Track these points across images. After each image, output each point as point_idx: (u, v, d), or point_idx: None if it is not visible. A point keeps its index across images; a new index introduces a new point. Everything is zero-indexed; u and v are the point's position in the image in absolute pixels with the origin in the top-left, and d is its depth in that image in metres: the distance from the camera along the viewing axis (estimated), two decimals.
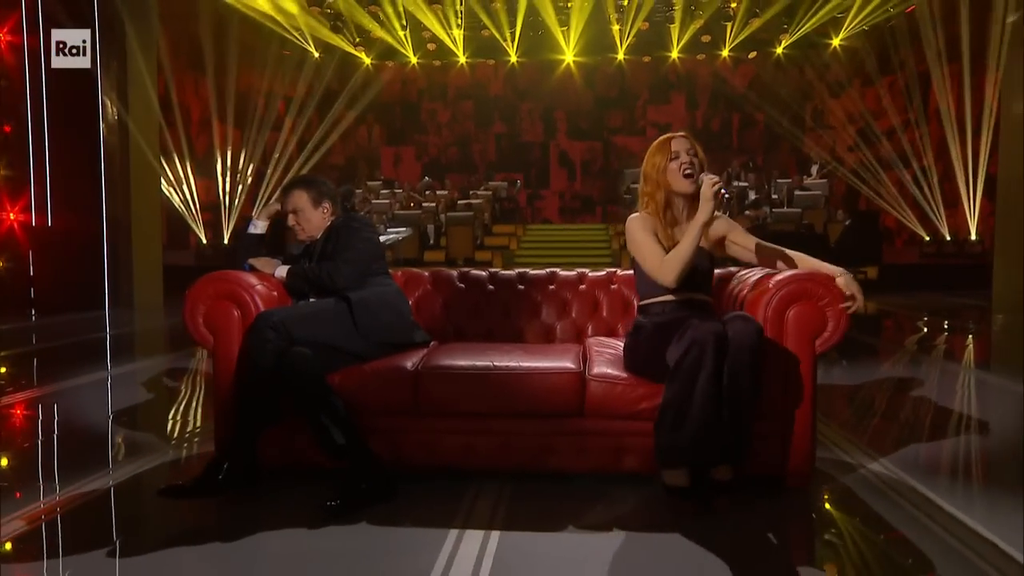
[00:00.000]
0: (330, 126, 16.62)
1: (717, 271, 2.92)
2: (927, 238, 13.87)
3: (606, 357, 2.71)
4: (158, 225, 9.80)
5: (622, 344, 2.92)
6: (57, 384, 4.67)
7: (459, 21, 15.30)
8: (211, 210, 14.26)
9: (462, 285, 3.34)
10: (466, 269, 3.42)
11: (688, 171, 2.61)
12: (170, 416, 4.03)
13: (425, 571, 2.00)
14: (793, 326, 2.51)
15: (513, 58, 16.76)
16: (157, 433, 3.55)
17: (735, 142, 17.38)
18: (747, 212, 12.47)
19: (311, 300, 2.94)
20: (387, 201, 13.58)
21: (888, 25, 14.68)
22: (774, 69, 16.71)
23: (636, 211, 2.76)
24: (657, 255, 2.58)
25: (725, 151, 17.04)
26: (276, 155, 15.31)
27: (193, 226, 13.36)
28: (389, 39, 15.92)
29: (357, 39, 16.21)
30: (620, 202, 15.80)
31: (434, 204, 13.46)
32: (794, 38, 15.60)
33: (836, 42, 15.76)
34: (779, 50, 16.29)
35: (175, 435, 3.58)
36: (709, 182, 2.52)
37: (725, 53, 16.43)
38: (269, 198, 15.03)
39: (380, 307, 2.88)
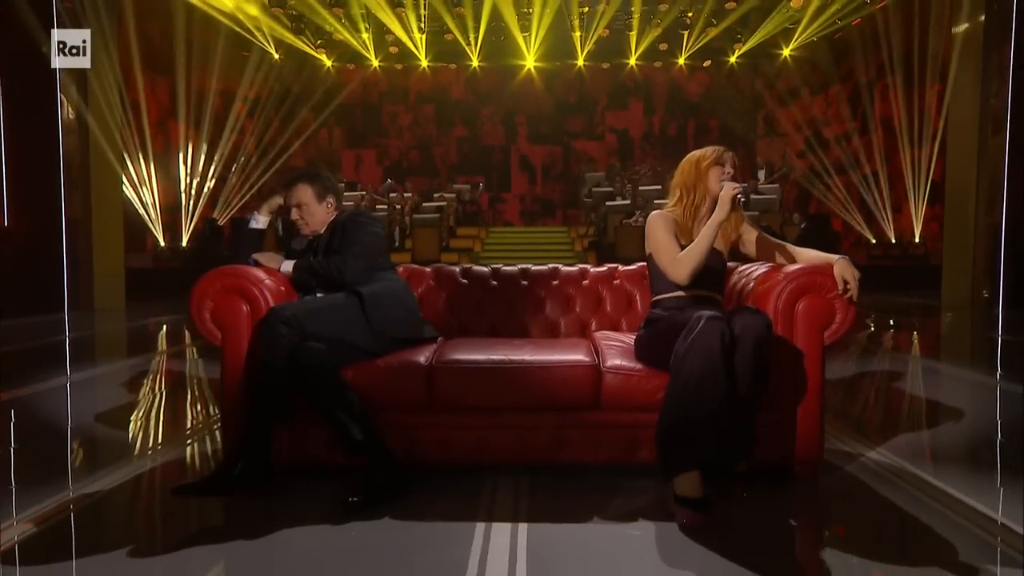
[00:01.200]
0: (290, 128, 16.39)
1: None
2: (873, 240, 14.38)
3: (617, 349, 2.75)
4: (119, 226, 9.51)
5: (628, 339, 2.97)
6: (15, 391, 4.49)
7: (422, 24, 15.25)
8: (169, 212, 13.89)
9: (465, 281, 3.35)
10: (468, 265, 3.43)
11: (725, 180, 2.73)
12: (139, 419, 3.92)
13: (461, 564, 2.00)
14: (803, 318, 2.59)
15: (475, 62, 16.78)
16: (130, 438, 3.46)
17: (691, 147, 17.60)
18: None
19: (318, 295, 2.91)
20: (350, 203, 13.43)
21: (836, 37, 15.19)
22: (728, 77, 17.12)
23: (662, 207, 2.82)
24: (672, 252, 2.64)
25: (681, 157, 17.28)
26: (236, 157, 15.00)
27: (152, 228, 12.99)
28: (352, 41, 15.78)
29: (318, 41, 16.02)
30: (580, 206, 15.97)
31: (400, 206, 13.38)
32: (747, 47, 16.00)
33: (787, 52, 16.21)
34: (733, 59, 16.69)
35: (147, 441, 3.49)
36: (729, 187, 2.63)
37: (681, 61, 16.76)
38: (230, 200, 14.73)
39: (391, 302, 2.87)
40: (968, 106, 9.01)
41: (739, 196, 2.62)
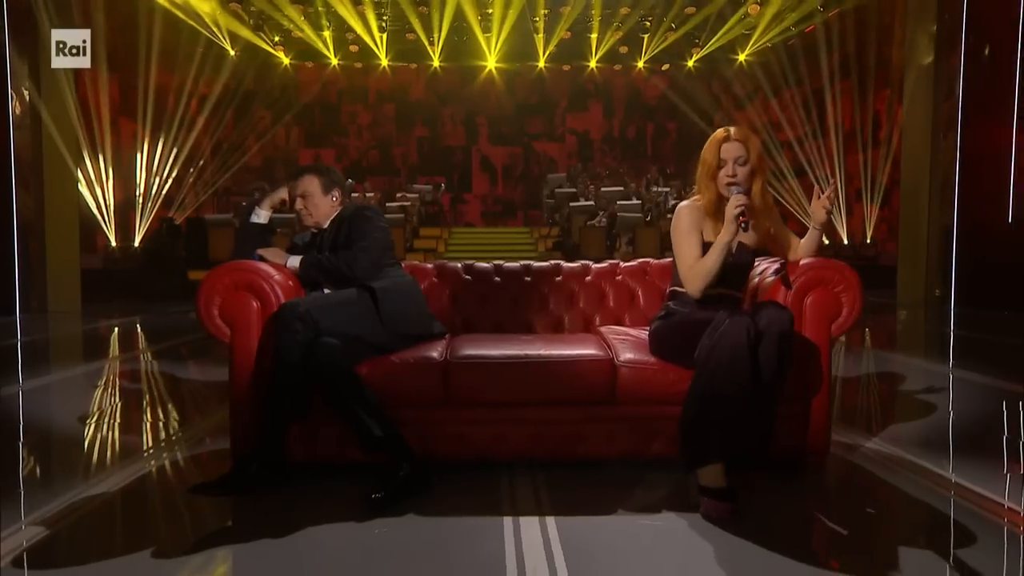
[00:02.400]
0: (247, 126, 16.06)
1: None
2: (826, 241, 14.84)
3: (627, 344, 2.77)
4: (74, 226, 9.17)
5: (635, 332, 3.00)
6: None
7: (384, 23, 15.11)
8: (119, 212, 13.44)
9: (468, 277, 3.34)
10: (470, 262, 3.42)
11: (730, 180, 2.59)
12: (112, 425, 3.80)
13: (497, 557, 2.00)
14: (811, 312, 2.66)
15: (436, 62, 16.70)
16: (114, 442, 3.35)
17: (649, 150, 17.97)
18: (670, 216, 12.93)
19: (326, 291, 2.86)
20: None
21: (789, 43, 15.59)
22: (685, 81, 17.40)
23: (688, 197, 2.79)
24: (690, 258, 2.60)
25: (641, 159, 17.60)
26: (191, 156, 14.60)
27: (104, 228, 12.55)
28: (311, 39, 15.53)
29: (276, 38, 15.73)
30: (542, 207, 16.03)
31: None
32: (704, 52, 16.31)
33: (742, 57, 16.57)
34: (690, 63, 16.97)
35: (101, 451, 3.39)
36: (733, 201, 2.50)
37: (640, 64, 16.97)
38: (185, 200, 14.35)
39: (402, 298, 2.84)
40: (921, 110, 9.36)
41: (742, 217, 2.46)
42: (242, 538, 2.13)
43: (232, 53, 15.83)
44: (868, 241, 13.87)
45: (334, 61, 16.85)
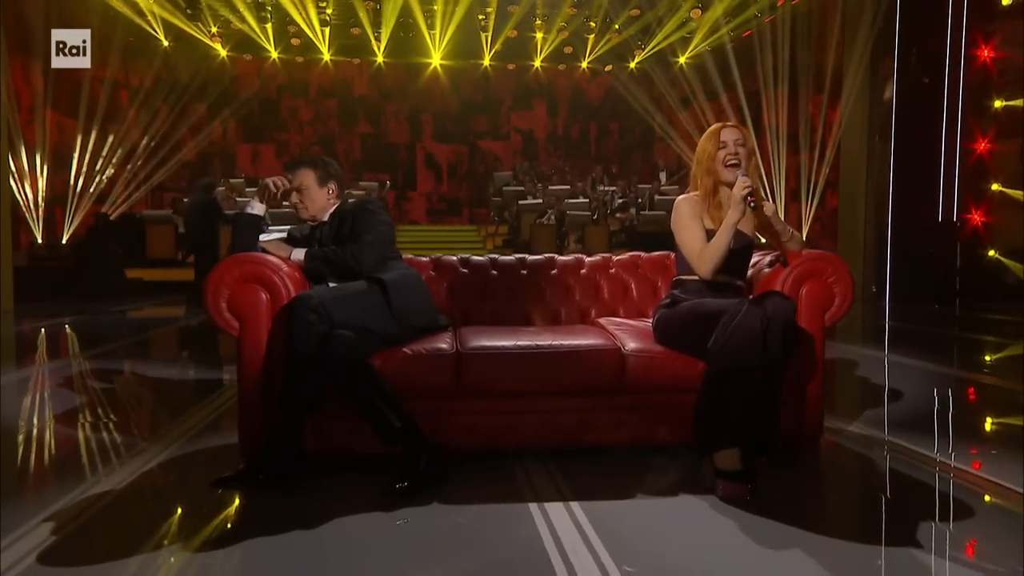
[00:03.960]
0: (181, 120, 15.49)
1: None
2: (763, 240, 15.39)
3: (629, 334, 2.84)
4: (6, 222, 8.69)
5: (633, 323, 3.09)
6: None
7: (328, 17, 14.85)
8: (45, 207, 12.79)
9: (465, 271, 3.35)
10: (466, 256, 3.44)
11: (732, 161, 2.72)
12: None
13: (534, 541, 2.04)
14: (806, 302, 2.79)
15: (379, 58, 16.52)
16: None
17: (593, 150, 18.25)
18: (617, 215, 13.18)
19: (330, 284, 2.84)
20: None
21: (728, 47, 16.08)
22: (627, 82, 17.73)
23: (686, 192, 2.89)
24: (697, 243, 2.71)
25: (584, 158, 17.85)
26: (123, 150, 14.03)
27: (31, 224, 11.94)
28: (256, 31, 15.12)
29: (214, 29, 15.24)
30: (488, 205, 16.08)
31: None
32: (646, 54, 16.65)
33: (682, 60, 16.98)
34: (632, 64, 17.30)
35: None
36: (740, 184, 2.62)
37: (584, 64, 17.21)
38: (116, 195, 13.76)
39: (410, 290, 2.84)
40: (858, 114, 9.82)
41: (749, 197, 2.61)
42: (274, 530, 2.10)
43: (166, 44, 15.29)
44: (804, 239, 14.49)
45: (274, 55, 16.46)
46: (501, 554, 1.99)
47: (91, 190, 13.44)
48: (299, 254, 2.85)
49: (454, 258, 3.39)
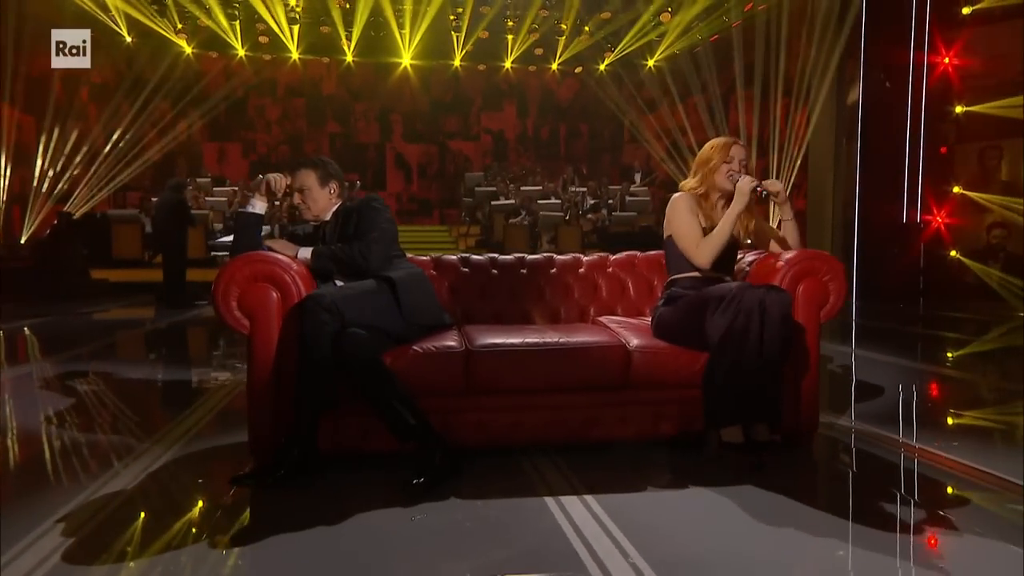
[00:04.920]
0: (144, 118, 15.17)
1: None
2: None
3: (633, 331, 2.91)
4: None
5: (632, 321, 3.17)
6: None
7: (297, 15, 14.69)
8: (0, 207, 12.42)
9: (466, 270, 3.38)
10: (466, 255, 3.47)
11: (735, 177, 2.91)
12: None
13: (557, 534, 2.09)
14: (802, 299, 2.88)
15: (349, 57, 16.40)
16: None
17: (563, 151, 18.38)
18: (589, 216, 13.30)
19: (338, 283, 2.85)
20: (223, 199, 12.73)
21: (695, 51, 16.34)
22: (596, 84, 17.90)
23: (681, 190, 3.00)
24: (695, 237, 2.86)
25: (554, 159, 17.96)
26: (88, 148, 13.70)
27: None
28: (225, 27, 14.88)
29: (179, 25, 14.97)
30: (459, 205, 16.08)
31: (278, 202, 12.83)
32: (615, 56, 16.83)
33: (651, 63, 17.20)
34: (602, 67, 17.47)
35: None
36: (746, 180, 2.85)
37: (554, 66, 17.31)
38: (77, 194, 13.43)
39: (418, 288, 2.87)
40: (826, 118, 10.09)
41: (758, 188, 2.84)
42: (299, 526, 2.11)
43: (128, 39, 14.98)
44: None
45: (241, 52, 16.23)
46: (527, 545, 2.03)
47: (52, 188, 13.10)
48: (306, 252, 2.85)
49: (454, 257, 3.42)
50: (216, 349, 6.22)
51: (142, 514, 2.27)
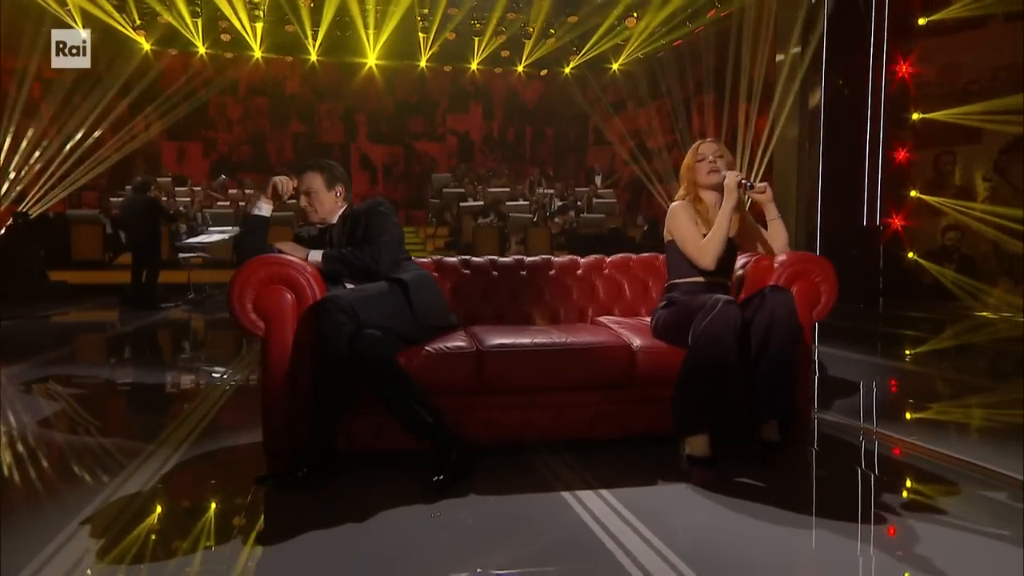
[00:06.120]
0: (100, 115, 14.79)
1: None
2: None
3: (634, 331, 3.00)
4: None
5: (630, 321, 3.26)
6: None
7: (261, 13, 14.49)
8: None
9: (467, 272, 3.44)
10: (466, 257, 3.52)
11: (712, 169, 3.02)
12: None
13: (581, 526, 2.16)
14: (797, 300, 2.96)
15: (313, 57, 16.25)
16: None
17: (528, 153, 18.51)
18: (556, 218, 13.42)
19: (347, 285, 2.88)
20: (187, 199, 12.50)
21: (659, 55, 16.62)
22: (562, 87, 18.07)
23: (676, 199, 3.10)
24: (697, 240, 2.96)
25: (519, 161, 18.08)
26: (33, 145, 13.29)
27: None
28: (181, 24, 14.59)
29: (138, 21, 14.63)
30: (425, 206, 16.06)
31: (243, 203, 12.65)
32: (581, 59, 17.01)
33: (615, 66, 17.43)
34: (567, 70, 17.64)
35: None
36: (732, 175, 2.95)
37: (520, 68, 17.43)
38: (25, 194, 13.02)
39: (428, 290, 2.91)
40: (789, 124, 10.36)
41: (743, 181, 2.93)
42: (327, 524, 2.14)
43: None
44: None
45: (201, 49, 15.96)
46: (554, 537, 2.10)
47: (3, 188, 12.69)
48: (316, 255, 2.88)
49: (455, 259, 3.47)
50: (188, 352, 6.14)
51: (165, 515, 2.27)
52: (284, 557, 1.95)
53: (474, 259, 3.49)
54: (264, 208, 3.00)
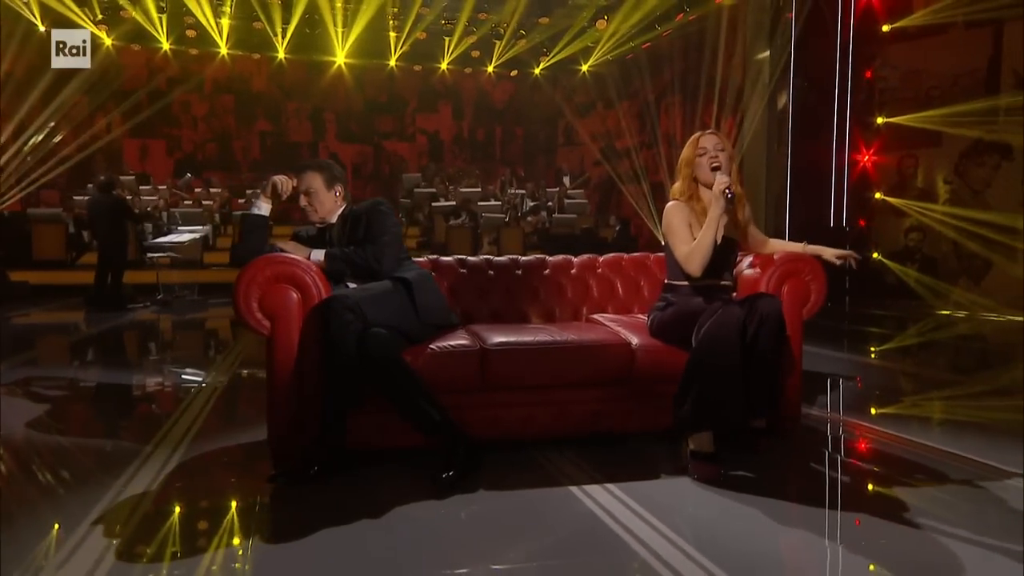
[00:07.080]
0: (57, 112, 14.42)
1: None
2: (664, 243, 16.19)
3: (631, 329, 3.06)
4: None
5: (626, 319, 3.32)
6: None
7: (228, 9, 14.27)
8: None
9: (463, 271, 3.46)
10: (463, 256, 3.55)
11: (715, 164, 2.96)
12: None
13: (592, 519, 2.21)
14: (787, 299, 3.11)
15: (281, 54, 16.06)
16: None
17: (498, 153, 18.54)
18: (528, 218, 13.47)
19: (349, 284, 2.88)
20: (154, 198, 12.25)
21: (627, 57, 16.79)
22: (531, 88, 18.15)
23: (672, 198, 3.12)
24: (687, 244, 2.92)
25: (489, 161, 18.09)
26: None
27: None
28: (144, 19, 14.29)
29: (99, 16, 14.29)
30: (397, 206, 15.97)
31: (211, 202, 12.46)
32: (551, 60, 17.10)
33: (585, 68, 17.56)
34: (537, 71, 17.72)
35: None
36: (719, 181, 2.85)
37: (490, 69, 17.45)
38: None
39: (430, 289, 2.93)
40: (758, 126, 10.58)
41: (727, 191, 2.81)
42: (342, 520, 2.16)
43: (41, 28, 14.21)
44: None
45: (165, 45, 15.65)
46: (569, 530, 2.14)
47: None
48: (318, 255, 2.88)
49: (451, 259, 3.49)
50: (161, 352, 6.05)
51: (177, 514, 2.26)
52: (302, 553, 1.96)
53: (470, 259, 3.52)
54: (263, 207, 2.99)
